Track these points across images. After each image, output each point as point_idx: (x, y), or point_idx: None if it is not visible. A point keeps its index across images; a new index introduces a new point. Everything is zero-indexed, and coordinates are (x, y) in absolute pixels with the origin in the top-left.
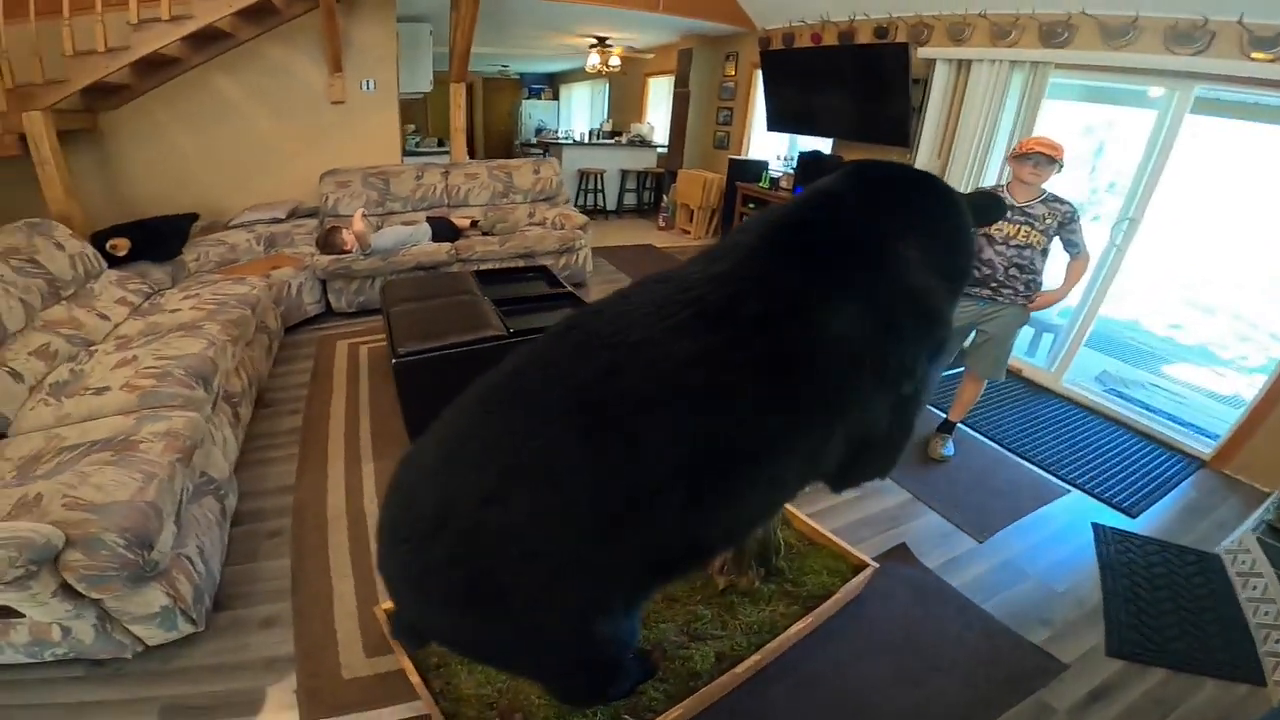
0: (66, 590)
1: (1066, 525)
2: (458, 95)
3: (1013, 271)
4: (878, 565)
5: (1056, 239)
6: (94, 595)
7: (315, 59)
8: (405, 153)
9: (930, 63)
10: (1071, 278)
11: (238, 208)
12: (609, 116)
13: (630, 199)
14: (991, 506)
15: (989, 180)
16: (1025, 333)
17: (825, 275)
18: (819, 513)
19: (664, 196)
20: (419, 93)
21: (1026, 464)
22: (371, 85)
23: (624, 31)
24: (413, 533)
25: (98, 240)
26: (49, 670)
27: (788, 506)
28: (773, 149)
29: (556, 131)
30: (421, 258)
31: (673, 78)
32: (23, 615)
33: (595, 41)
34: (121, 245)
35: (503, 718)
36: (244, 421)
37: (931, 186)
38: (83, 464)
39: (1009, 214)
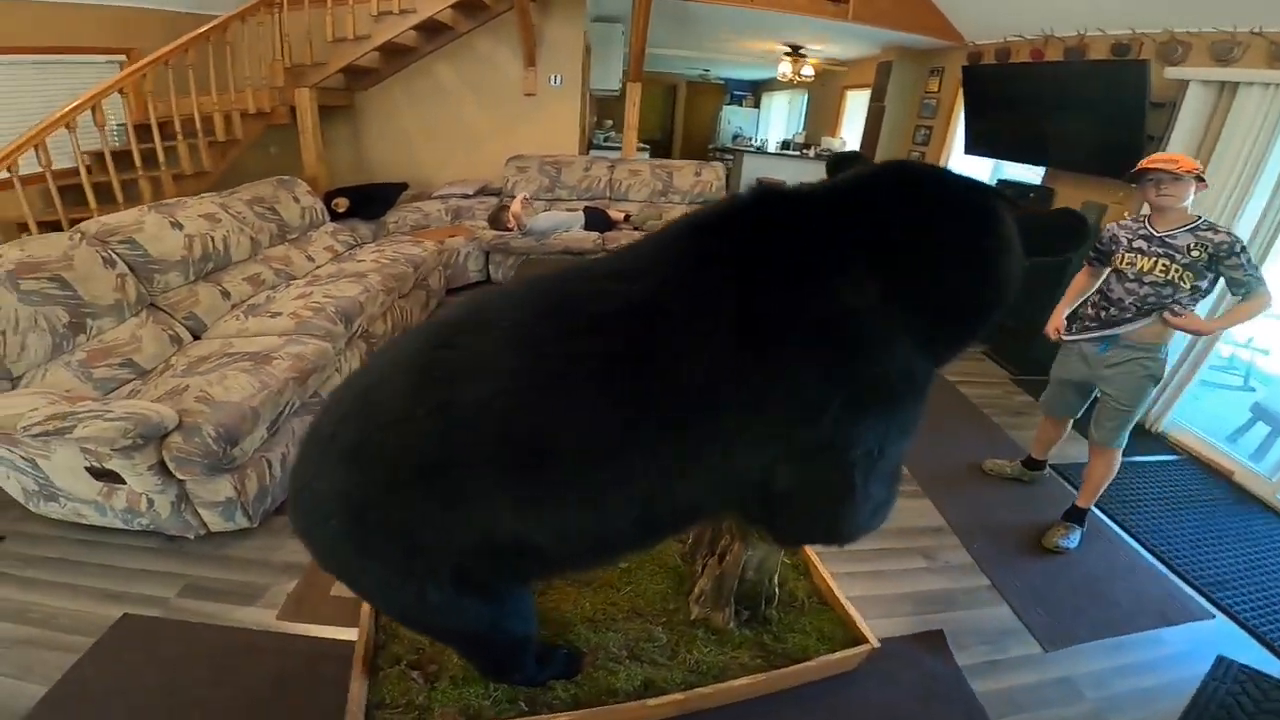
0: (160, 468)
1: (1178, 654)
2: (632, 94)
3: (1130, 315)
4: (879, 645)
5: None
6: (179, 475)
7: (514, 53)
8: (592, 146)
9: (1181, 84)
10: (1236, 314)
11: (440, 182)
12: (804, 128)
13: None
14: (1087, 614)
15: (1246, 227)
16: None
17: (705, 284)
18: (860, 574)
19: None
20: (611, 90)
21: (1170, 575)
22: (559, 80)
23: (818, 41)
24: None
25: (327, 198)
26: (132, 538)
27: (812, 557)
28: (971, 174)
29: (751, 139)
30: (570, 243)
31: (870, 91)
32: (124, 483)
33: (788, 50)
34: (342, 204)
35: (421, 662)
36: None
37: (949, 197)
38: (230, 368)
39: (1146, 245)
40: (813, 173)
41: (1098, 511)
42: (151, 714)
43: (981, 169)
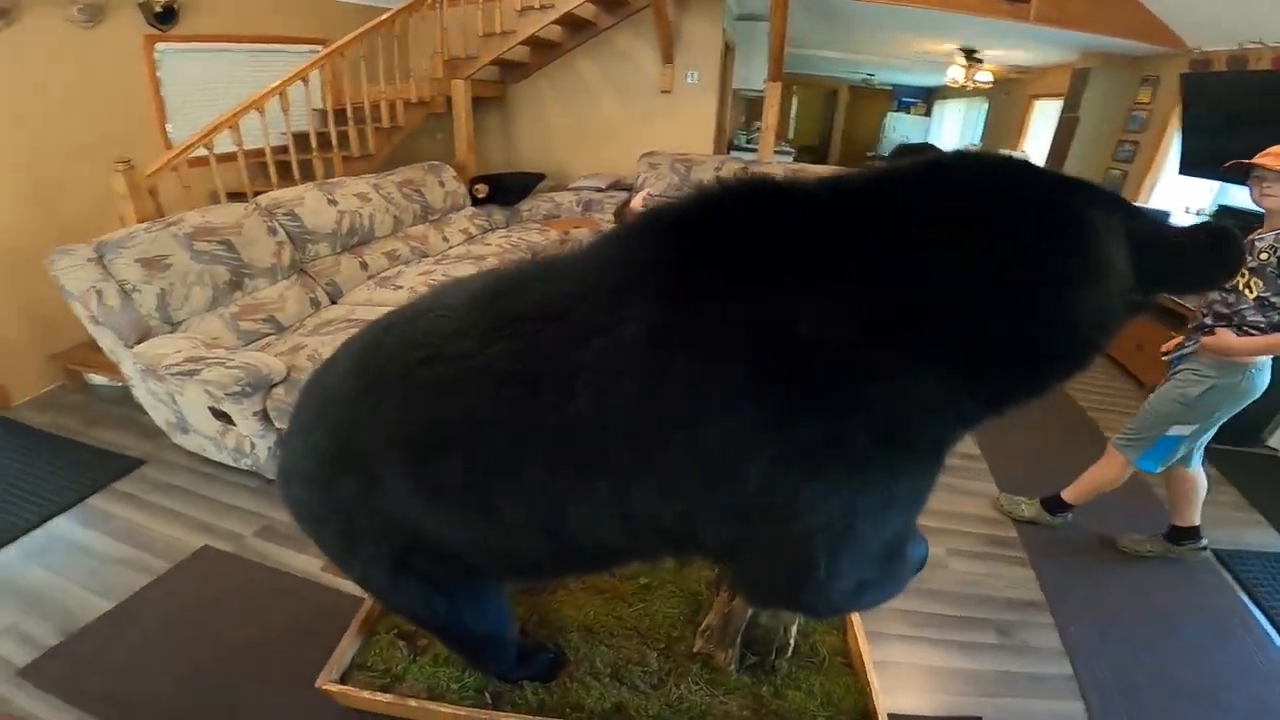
0: (264, 415)
1: None
2: (771, 94)
3: (1209, 320)
4: None
5: None
6: (277, 424)
7: (652, 49)
8: (733, 147)
9: None
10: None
11: (576, 174)
12: (982, 139)
13: None
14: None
15: None
16: None
17: (621, 291)
18: (912, 639)
19: None
20: (758, 90)
21: None
22: (696, 77)
23: (997, 45)
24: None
25: (470, 184)
26: (237, 475)
27: (854, 617)
28: (1184, 199)
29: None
30: None
31: (1062, 101)
32: (234, 425)
33: (961, 53)
34: (482, 190)
35: (413, 635)
36: None
37: (1012, 196)
38: (345, 333)
39: None
40: None
41: (1246, 601)
42: (184, 640)
43: (1200, 193)
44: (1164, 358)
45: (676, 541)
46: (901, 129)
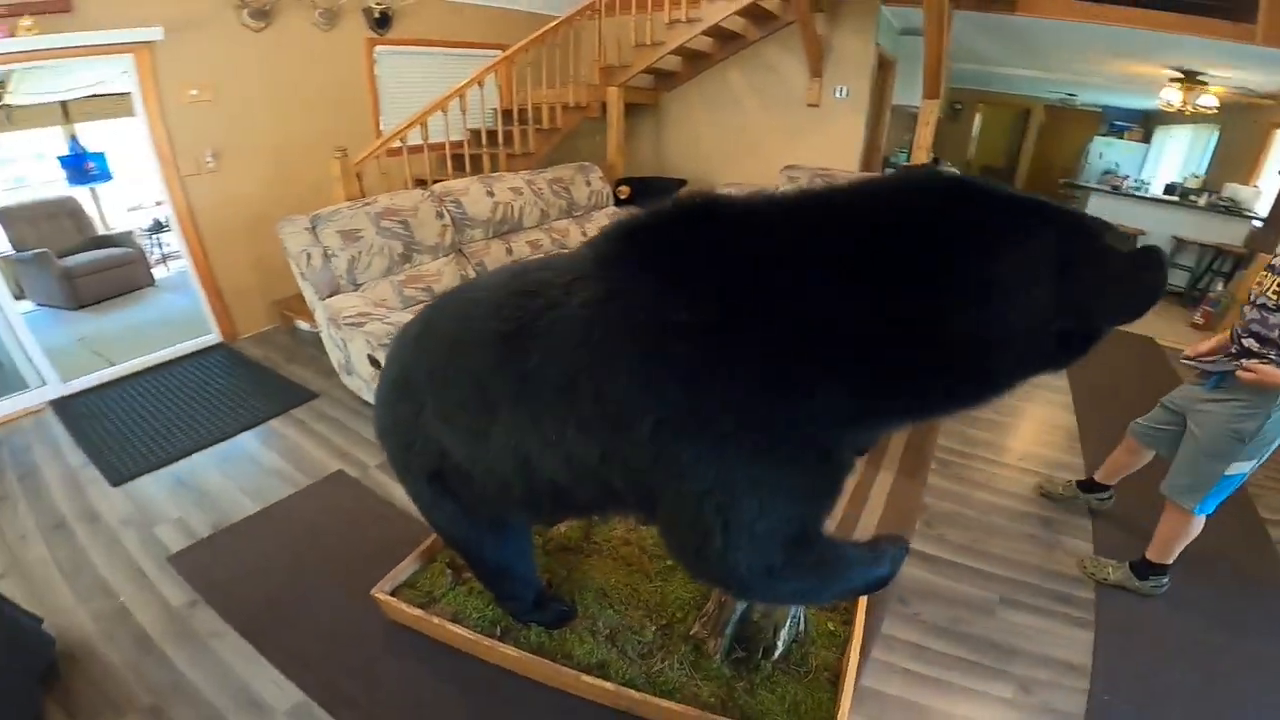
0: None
1: None
2: (926, 112)
3: (1248, 342)
4: None
5: None
6: None
7: (800, 63)
8: (888, 164)
9: None
10: None
11: (719, 182)
12: (1209, 170)
13: (1178, 277)
14: None
15: None
16: None
17: (579, 279)
18: (918, 675)
19: (1222, 285)
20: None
21: None
22: (844, 93)
23: (1222, 65)
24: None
25: (615, 184)
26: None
27: (857, 630)
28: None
29: (1129, 177)
30: None
31: None
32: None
33: (1178, 75)
34: (625, 191)
35: (461, 567)
36: None
37: (936, 212)
38: None
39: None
40: (1192, 224)
41: None
42: (294, 545)
43: None
44: (1186, 363)
45: (610, 490)
46: (1111, 155)
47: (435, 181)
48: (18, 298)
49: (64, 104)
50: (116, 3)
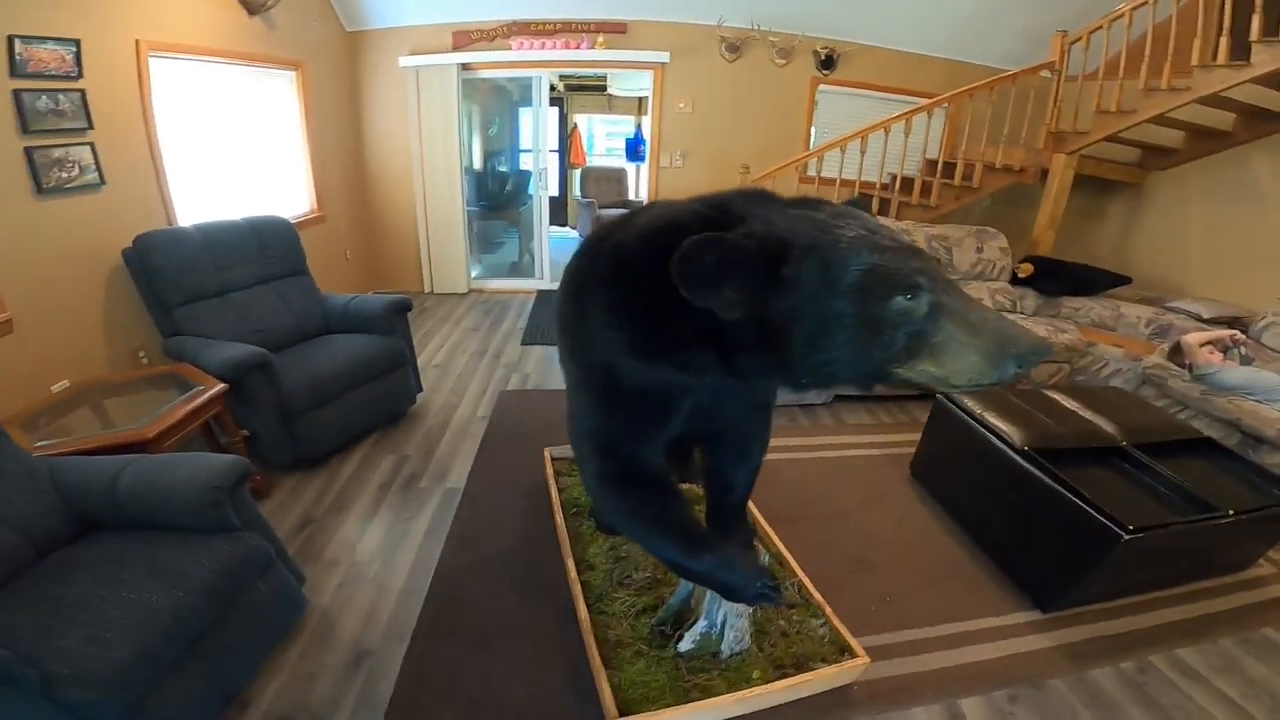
0: None
1: None
2: None
3: None
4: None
5: None
6: None
7: None
8: None
9: None
10: None
11: (1187, 293)
12: None
13: None
14: None
15: None
16: None
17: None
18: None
19: None
20: None
21: None
22: None
23: None
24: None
25: (1018, 260)
26: None
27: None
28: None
29: None
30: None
31: None
32: None
33: None
34: (1026, 269)
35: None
36: None
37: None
38: None
39: None
40: None
41: None
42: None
43: None
44: None
45: None
46: None
47: None
48: (560, 225)
49: (640, 100)
50: (652, 30)
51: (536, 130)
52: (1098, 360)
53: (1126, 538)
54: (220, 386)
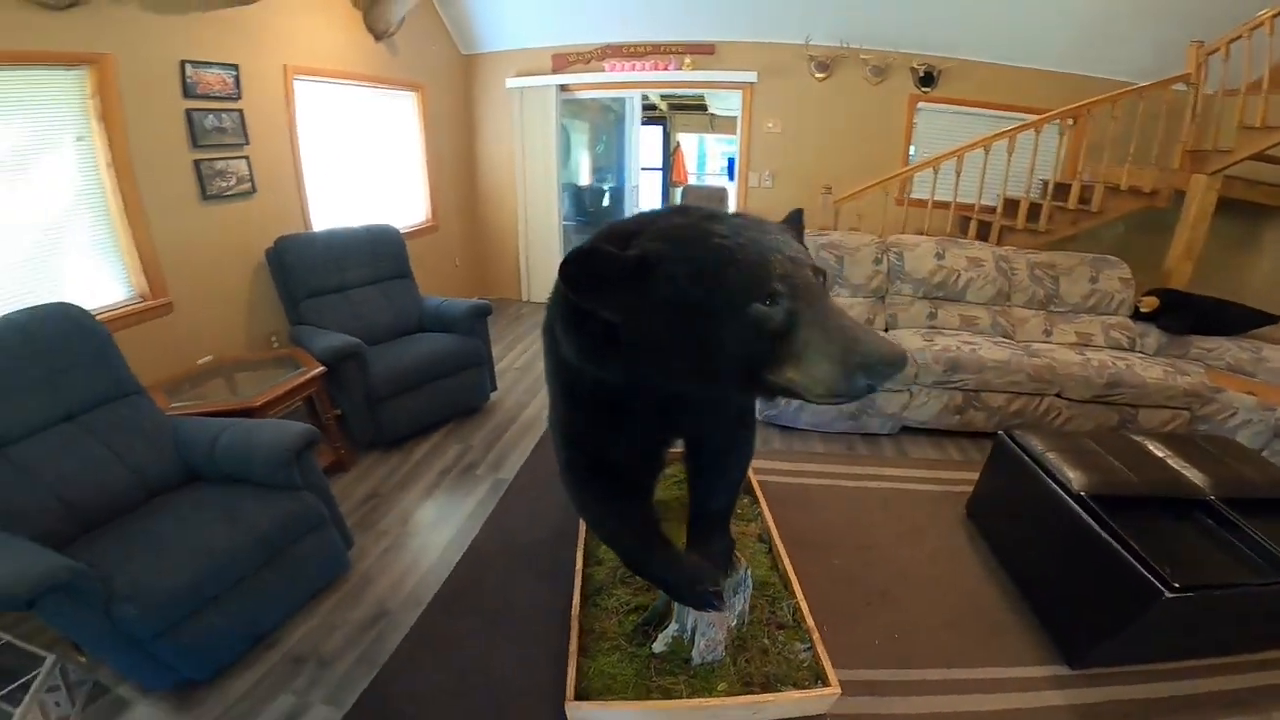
0: None
1: None
2: None
3: None
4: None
5: None
6: None
7: None
8: None
9: None
10: None
11: None
12: None
13: None
14: None
15: None
16: None
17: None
18: None
19: None
20: None
21: None
22: None
23: None
24: None
25: (1141, 293)
26: None
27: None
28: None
29: None
30: None
31: None
32: None
33: None
34: (1150, 304)
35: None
36: None
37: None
38: None
39: None
40: None
41: None
42: None
43: None
44: None
45: None
46: None
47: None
48: None
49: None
50: (739, 50)
51: (625, 147)
52: (1225, 408)
53: (1168, 595)
54: (319, 369)
